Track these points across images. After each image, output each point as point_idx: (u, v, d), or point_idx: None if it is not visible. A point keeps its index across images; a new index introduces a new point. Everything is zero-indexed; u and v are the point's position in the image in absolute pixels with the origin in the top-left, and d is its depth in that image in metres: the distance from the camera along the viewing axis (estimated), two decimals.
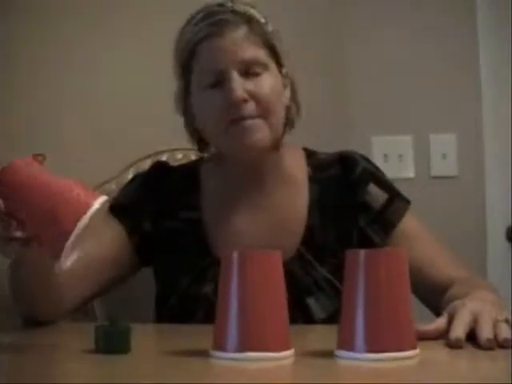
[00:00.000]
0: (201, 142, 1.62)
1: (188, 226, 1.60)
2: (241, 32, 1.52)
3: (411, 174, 2.46)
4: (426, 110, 2.47)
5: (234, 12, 1.53)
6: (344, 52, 2.45)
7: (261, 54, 1.53)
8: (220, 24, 1.51)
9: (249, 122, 1.50)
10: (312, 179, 1.62)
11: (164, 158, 1.97)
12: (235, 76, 1.50)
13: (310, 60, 2.37)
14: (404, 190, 1.64)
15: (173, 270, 1.60)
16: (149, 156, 1.98)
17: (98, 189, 1.98)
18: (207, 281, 1.56)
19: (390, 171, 2.39)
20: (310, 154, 1.65)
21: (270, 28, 1.56)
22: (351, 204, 1.59)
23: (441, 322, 1.24)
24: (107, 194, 1.90)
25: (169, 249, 1.61)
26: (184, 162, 1.77)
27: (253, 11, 1.56)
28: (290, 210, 1.59)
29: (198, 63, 1.54)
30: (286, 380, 1.09)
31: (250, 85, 1.51)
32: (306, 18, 2.38)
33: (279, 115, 1.55)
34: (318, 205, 1.59)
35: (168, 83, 1.61)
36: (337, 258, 1.55)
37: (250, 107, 1.50)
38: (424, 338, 1.19)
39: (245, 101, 1.50)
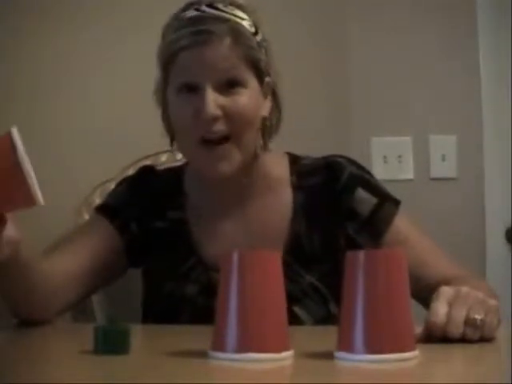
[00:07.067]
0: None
1: (173, 226, 1.61)
2: (223, 45, 1.47)
3: (410, 176, 2.46)
4: (426, 111, 2.47)
5: (220, 19, 1.48)
6: (344, 53, 2.45)
7: (241, 70, 1.49)
8: (203, 34, 1.47)
9: (219, 149, 1.48)
10: (296, 187, 1.60)
11: (163, 158, 1.97)
12: (209, 91, 1.47)
13: (309, 61, 2.37)
14: (403, 192, 1.64)
15: (159, 270, 1.61)
16: (148, 156, 1.98)
17: (99, 189, 1.98)
18: (191, 282, 1.57)
19: (389, 172, 2.40)
20: (293, 160, 1.63)
21: (258, 38, 1.52)
22: (338, 211, 1.58)
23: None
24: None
25: (155, 249, 1.62)
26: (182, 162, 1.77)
27: (241, 16, 1.50)
28: (272, 219, 1.58)
29: (177, 67, 1.49)
30: (285, 381, 1.09)
31: (224, 100, 1.48)
32: (306, 19, 2.38)
33: (251, 135, 1.52)
34: (303, 212, 1.58)
35: None
36: (324, 264, 1.55)
37: (220, 126, 1.48)
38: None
39: (215, 119, 1.47)
